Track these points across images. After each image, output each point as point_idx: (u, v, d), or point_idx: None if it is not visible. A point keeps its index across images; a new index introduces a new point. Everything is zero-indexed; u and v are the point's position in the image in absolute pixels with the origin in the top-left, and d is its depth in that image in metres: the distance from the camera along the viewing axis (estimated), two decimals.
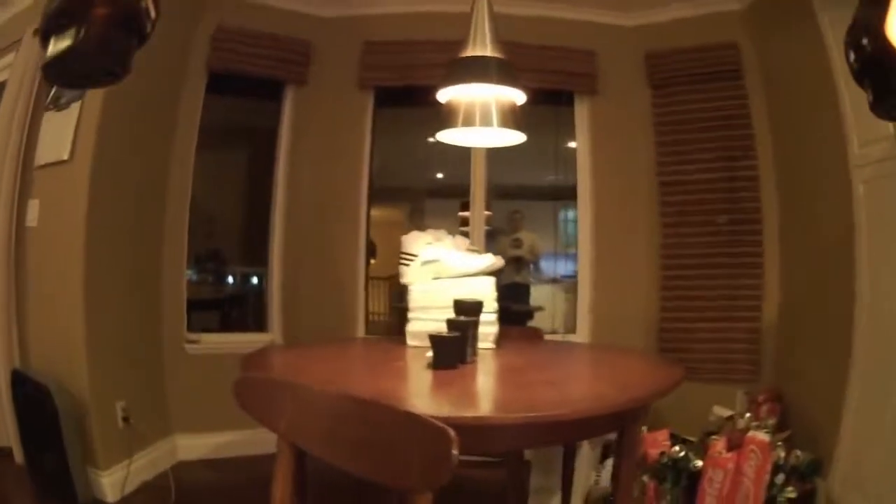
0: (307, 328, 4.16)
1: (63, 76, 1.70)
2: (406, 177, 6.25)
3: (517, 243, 5.58)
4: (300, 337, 4.14)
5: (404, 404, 1.48)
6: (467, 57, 2.33)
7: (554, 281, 5.72)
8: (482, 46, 2.33)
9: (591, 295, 4.21)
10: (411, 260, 2.49)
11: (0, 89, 3.75)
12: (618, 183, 4.21)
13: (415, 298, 2.42)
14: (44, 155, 3.48)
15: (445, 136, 2.51)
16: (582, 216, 4.27)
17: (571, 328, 4.36)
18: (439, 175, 6.44)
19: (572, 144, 4.39)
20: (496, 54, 2.33)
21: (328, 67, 4.21)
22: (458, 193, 5.28)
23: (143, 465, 3.43)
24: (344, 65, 4.22)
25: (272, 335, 4.24)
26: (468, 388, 1.89)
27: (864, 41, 1.47)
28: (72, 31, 1.51)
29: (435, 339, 1.96)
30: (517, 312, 5.14)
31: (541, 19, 4.12)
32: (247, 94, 4.39)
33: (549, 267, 6.03)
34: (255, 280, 4.64)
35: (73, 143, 3.25)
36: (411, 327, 2.40)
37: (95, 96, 3.20)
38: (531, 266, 5.82)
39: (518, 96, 2.38)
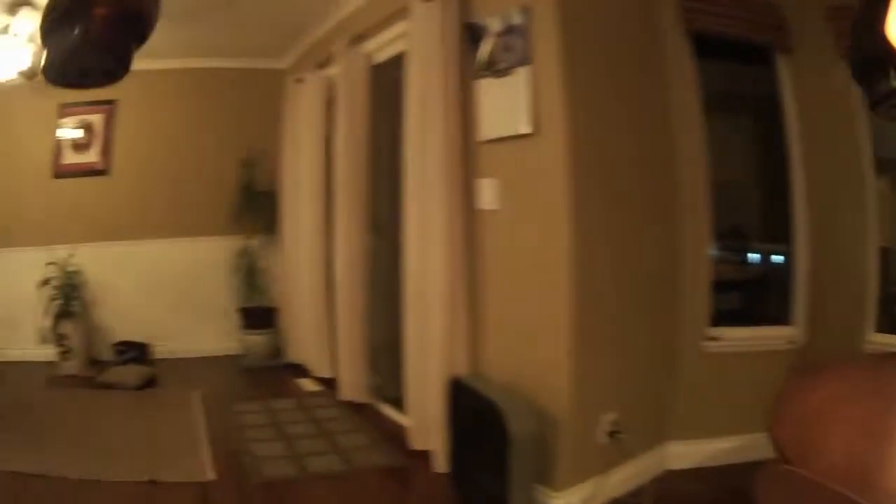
0: (830, 318, 3.48)
1: (63, 75, 1.67)
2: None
3: None
4: (824, 330, 3.48)
5: None
6: None
7: None
8: None
9: None
10: None
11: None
12: None
13: None
14: (492, 128, 3.13)
15: None
16: None
17: None
18: None
19: None
20: None
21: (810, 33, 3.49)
22: None
23: (615, 482, 3.01)
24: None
25: (794, 329, 3.57)
26: None
27: (865, 41, 1.42)
28: (72, 32, 1.49)
29: None
30: None
31: None
32: (733, 58, 3.79)
33: None
34: (776, 261, 3.91)
35: (534, 114, 2.86)
36: None
37: (547, 60, 2.80)
38: None
39: None
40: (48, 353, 5.62)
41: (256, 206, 5.88)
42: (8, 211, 5.92)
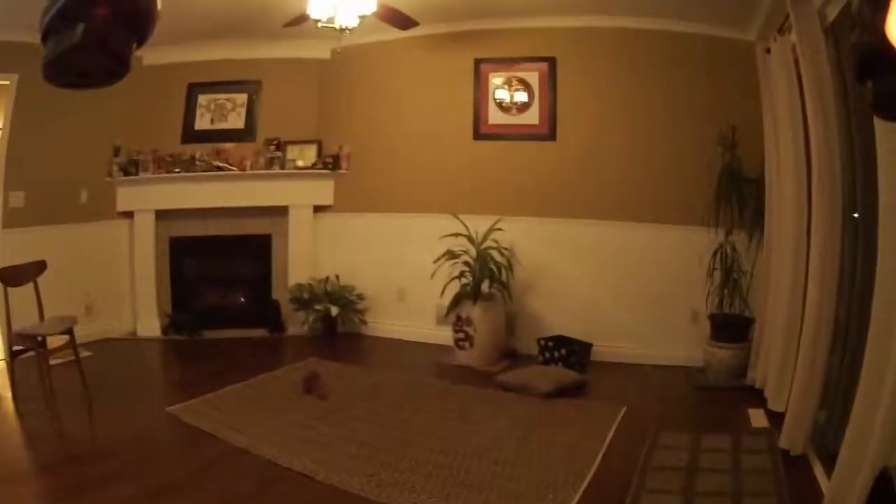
0: None
1: (63, 75, 1.67)
2: None
3: None
4: None
5: None
6: None
7: None
8: None
9: None
10: None
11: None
12: None
13: None
14: None
15: None
16: None
17: None
18: None
19: None
20: None
21: None
22: None
23: None
24: None
25: None
26: None
27: (865, 41, 1.39)
28: (71, 32, 1.50)
29: None
30: None
31: None
32: None
33: None
34: None
35: None
36: None
37: None
38: None
39: None
40: (443, 335, 5.30)
41: (741, 197, 5.01)
42: (415, 173, 5.81)
